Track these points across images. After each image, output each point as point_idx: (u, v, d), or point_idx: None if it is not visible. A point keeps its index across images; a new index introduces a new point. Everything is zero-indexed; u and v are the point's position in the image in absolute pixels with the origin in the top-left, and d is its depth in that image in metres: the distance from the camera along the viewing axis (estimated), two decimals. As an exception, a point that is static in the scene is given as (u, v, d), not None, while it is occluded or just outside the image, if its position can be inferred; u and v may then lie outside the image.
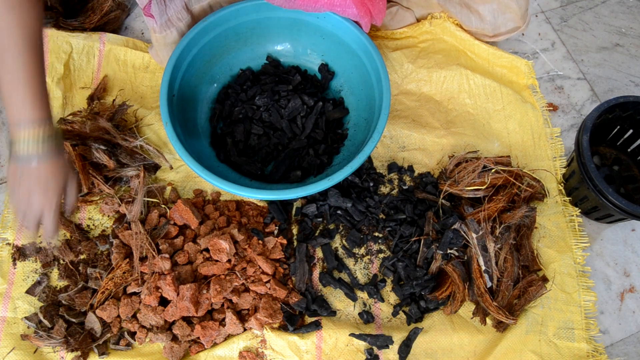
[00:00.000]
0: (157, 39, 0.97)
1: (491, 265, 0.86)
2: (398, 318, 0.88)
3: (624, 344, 0.90)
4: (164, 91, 0.89)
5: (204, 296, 0.83)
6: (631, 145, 1.00)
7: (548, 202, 0.97)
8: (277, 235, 0.92)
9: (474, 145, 1.03)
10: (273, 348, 0.83)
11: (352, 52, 1.00)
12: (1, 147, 1.03)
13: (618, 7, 1.26)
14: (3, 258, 0.90)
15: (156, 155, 0.98)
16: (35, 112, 0.69)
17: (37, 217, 0.73)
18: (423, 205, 0.95)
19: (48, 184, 0.72)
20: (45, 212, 0.73)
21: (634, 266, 0.96)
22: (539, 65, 1.17)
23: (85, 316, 0.84)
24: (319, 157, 0.97)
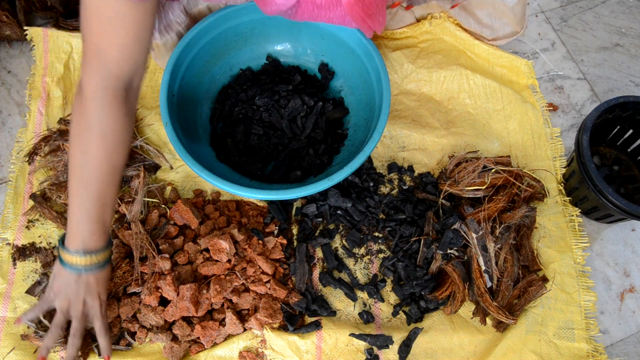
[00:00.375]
0: (157, 45, 0.97)
1: (491, 265, 0.86)
2: (398, 318, 0.88)
3: (624, 344, 0.90)
4: (163, 91, 0.89)
5: (204, 296, 0.83)
6: (631, 145, 1.00)
7: (548, 202, 0.97)
8: (277, 235, 0.92)
9: (474, 145, 1.03)
10: (273, 348, 0.83)
11: (352, 52, 1.00)
12: (1, 147, 1.03)
13: (618, 7, 1.26)
14: (3, 258, 0.90)
15: (156, 155, 0.98)
16: (98, 243, 0.72)
17: (83, 328, 0.75)
18: (423, 205, 0.95)
19: (101, 288, 0.75)
20: (97, 318, 0.75)
21: (634, 266, 0.96)
22: (539, 65, 1.17)
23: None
24: (319, 157, 0.97)
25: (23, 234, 0.92)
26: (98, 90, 0.67)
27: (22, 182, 0.96)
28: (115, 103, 0.69)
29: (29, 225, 0.92)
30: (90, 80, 0.67)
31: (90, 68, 0.67)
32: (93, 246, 0.72)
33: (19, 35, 1.10)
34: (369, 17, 0.69)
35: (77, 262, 0.72)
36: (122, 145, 0.72)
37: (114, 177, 0.72)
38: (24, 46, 1.14)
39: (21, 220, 0.93)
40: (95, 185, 0.70)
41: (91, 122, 0.68)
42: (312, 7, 0.68)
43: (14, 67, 1.11)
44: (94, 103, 0.68)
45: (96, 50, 0.66)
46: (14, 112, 1.07)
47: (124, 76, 0.69)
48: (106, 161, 0.70)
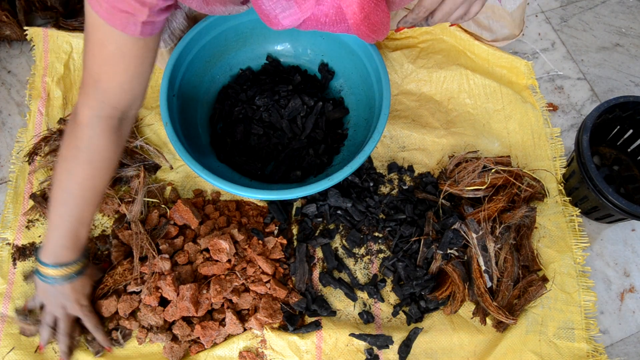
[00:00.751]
0: (162, 53, 0.97)
1: (491, 265, 0.86)
2: (398, 318, 0.88)
3: (624, 344, 0.90)
4: (164, 91, 0.89)
5: (204, 296, 0.83)
6: (631, 145, 1.00)
7: (548, 202, 0.97)
8: (277, 235, 0.92)
9: (474, 145, 1.03)
10: (273, 348, 0.83)
11: (352, 52, 1.00)
12: (1, 147, 1.03)
13: (618, 7, 1.26)
14: (3, 258, 0.90)
15: (156, 155, 0.98)
16: (70, 257, 0.76)
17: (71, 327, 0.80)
18: (423, 205, 0.95)
19: (78, 295, 0.79)
20: (84, 318, 0.80)
21: (634, 266, 0.96)
22: (539, 65, 1.17)
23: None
24: (319, 157, 0.97)
25: (23, 234, 0.92)
26: (92, 118, 0.69)
27: (22, 182, 0.96)
28: (107, 132, 0.71)
29: (29, 225, 0.92)
30: (85, 107, 0.69)
31: (87, 95, 0.68)
32: (65, 259, 0.75)
33: (19, 35, 1.10)
34: (374, 32, 0.69)
35: (49, 274, 0.75)
36: (107, 171, 0.74)
37: (94, 199, 0.74)
38: (24, 46, 1.14)
39: (21, 220, 0.93)
40: (75, 206, 0.73)
41: (80, 147, 0.70)
42: (315, 25, 0.68)
43: (14, 67, 1.11)
44: (86, 130, 0.69)
45: (95, 79, 0.67)
46: (14, 112, 1.07)
47: (120, 108, 0.71)
48: (89, 185, 0.72)
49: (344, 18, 0.66)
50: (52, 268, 0.75)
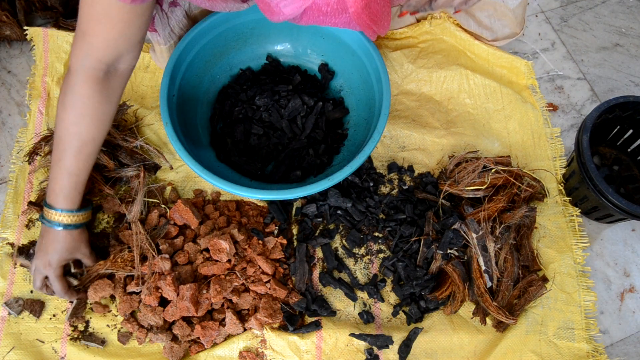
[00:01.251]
0: (161, 50, 0.97)
1: (491, 265, 0.86)
2: (398, 318, 0.88)
3: (624, 344, 0.90)
4: (163, 91, 0.89)
5: (204, 296, 0.83)
6: (631, 145, 1.00)
7: (548, 202, 0.97)
8: (277, 235, 0.92)
9: (474, 145, 1.03)
10: (273, 348, 0.83)
11: (352, 52, 1.00)
12: (1, 147, 1.03)
13: (618, 7, 1.26)
14: (3, 258, 0.90)
15: (156, 155, 0.98)
16: (59, 202, 0.77)
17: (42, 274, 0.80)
18: (423, 205, 0.95)
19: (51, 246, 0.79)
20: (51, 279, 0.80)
21: (634, 266, 0.96)
22: (539, 65, 1.17)
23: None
24: (319, 157, 0.97)
25: (23, 233, 0.92)
26: (79, 66, 0.72)
27: (22, 182, 0.96)
28: (90, 81, 0.73)
29: (29, 224, 0.92)
30: (74, 56, 0.72)
31: (76, 46, 0.72)
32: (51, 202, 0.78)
33: (19, 35, 1.10)
34: (375, 23, 0.69)
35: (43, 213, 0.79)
36: (93, 120, 0.75)
37: (81, 149, 0.76)
38: (24, 46, 1.14)
39: (21, 219, 0.93)
40: (62, 151, 0.75)
41: (67, 92, 0.73)
42: (317, 14, 0.68)
43: (14, 67, 1.11)
44: (72, 77, 0.73)
45: (83, 32, 0.71)
46: (14, 112, 1.07)
47: (104, 61, 0.73)
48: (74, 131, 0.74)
49: (345, 7, 0.66)
50: (45, 207, 0.78)
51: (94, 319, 0.86)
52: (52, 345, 0.84)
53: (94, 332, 0.85)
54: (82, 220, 0.80)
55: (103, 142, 0.80)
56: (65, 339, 0.84)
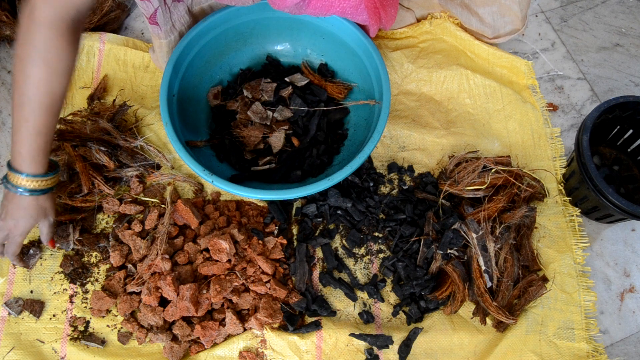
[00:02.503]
0: (161, 44, 0.96)
1: (491, 265, 0.86)
2: (398, 318, 0.88)
3: (624, 344, 0.90)
4: (164, 91, 0.89)
5: (204, 296, 0.83)
6: (631, 145, 1.00)
7: (548, 202, 0.97)
8: (277, 235, 0.92)
9: (474, 145, 1.03)
10: (273, 348, 0.83)
11: (352, 52, 1.00)
12: (1, 147, 1.03)
13: (618, 7, 1.26)
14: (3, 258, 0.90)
15: (157, 155, 0.97)
16: (27, 167, 0.73)
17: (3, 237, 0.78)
18: (423, 205, 0.95)
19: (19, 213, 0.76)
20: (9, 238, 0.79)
21: (634, 266, 0.96)
22: (539, 65, 1.17)
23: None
24: (319, 157, 0.97)
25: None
26: (53, 18, 0.67)
27: (22, 182, 0.96)
28: (65, 33, 0.68)
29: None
30: (47, 7, 0.66)
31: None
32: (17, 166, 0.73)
33: (19, 35, 1.10)
34: (383, 7, 0.68)
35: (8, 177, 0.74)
36: (65, 73, 0.71)
37: (52, 106, 0.71)
38: (24, 46, 1.14)
39: (21, 220, 0.93)
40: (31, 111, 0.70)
41: (38, 48, 0.68)
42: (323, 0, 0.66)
43: (14, 67, 1.11)
44: (45, 30, 0.67)
45: None
46: (14, 112, 1.06)
47: (82, 8, 0.69)
48: (46, 89, 0.70)
49: None
50: (10, 172, 0.74)
51: (94, 319, 0.86)
52: (52, 345, 0.84)
53: (94, 332, 0.85)
54: (49, 185, 0.76)
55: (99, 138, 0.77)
56: (65, 339, 0.84)
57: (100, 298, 0.84)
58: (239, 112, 1.00)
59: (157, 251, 0.84)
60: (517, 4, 1.04)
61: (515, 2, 1.04)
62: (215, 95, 1.02)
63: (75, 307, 0.86)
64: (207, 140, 0.98)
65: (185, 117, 0.95)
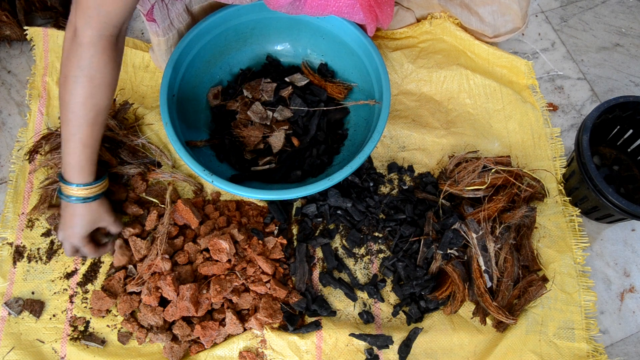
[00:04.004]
0: (159, 42, 0.96)
1: (491, 265, 0.86)
2: (398, 318, 0.88)
3: (624, 344, 0.90)
4: (164, 91, 0.89)
5: (204, 296, 0.83)
6: (631, 145, 1.00)
7: (548, 202, 0.97)
8: (277, 235, 0.92)
9: (474, 145, 1.03)
10: (273, 348, 0.83)
11: (352, 52, 1.00)
12: (1, 147, 1.03)
13: (618, 7, 1.26)
14: (3, 258, 0.90)
15: (158, 153, 0.97)
16: (77, 177, 0.78)
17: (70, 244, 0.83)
18: (423, 205, 0.95)
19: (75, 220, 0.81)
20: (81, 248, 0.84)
21: (634, 266, 0.96)
22: (539, 65, 1.17)
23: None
24: (319, 157, 0.97)
25: (23, 233, 0.92)
26: (95, 38, 0.71)
27: (22, 181, 0.96)
28: (108, 50, 0.73)
29: (29, 224, 0.92)
30: (88, 28, 0.71)
31: (90, 18, 0.70)
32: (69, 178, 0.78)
33: (19, 35, 1.10)
34: (378, 6, 0.68)
35: (61, 188, 0.80)
36: (108, 88, 0.76)
37: (97, 118, 0.76)
38: (24, 46, 1.14)
39: (21, 219, 0.93)
40: (78, 125, 0.75)
41: (82, 66, 0.72)
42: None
43: (14, 67, 1.11)
44: (89, 50, 0.72)
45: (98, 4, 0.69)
46: (14, 112, 1.07)
47: (119, 24, 0.73)
48: (91, 103, 0.74)
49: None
50: (62, 183, 0.79)
51: (94, 319, 0.86)
52: (52, 345, 0.84)
53: (94, 332, 0.85)
54: (99, 191, 0.81)
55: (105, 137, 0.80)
56: (65, 339, 0.84)
57: (100, 298, 0.84)
58: (239, 112, 1.00)
59: (157, 251, 0.84)
60: (517, 3, 1.04)
61: (515, 1, 1.04)
62: (215, 95, 1.02)
63: (75, 307, 0.86)
64: (207, 140, 0.98)
65: (185, 117, 0.95)
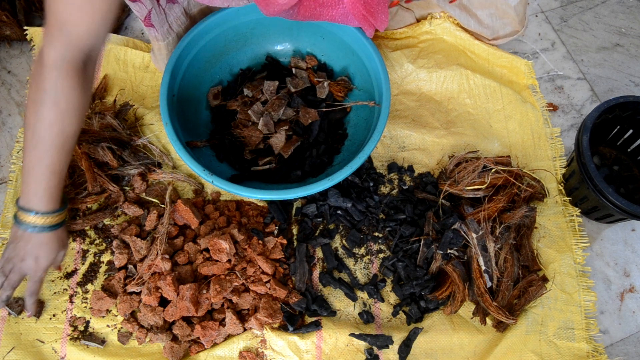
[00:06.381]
0: (159, 47, 0.96)
1: (491, 265, 0.86)
2: (398, 318, 0.88)
3: (624, 344, 0.90)
4: (164, 91, 0.89)
5: (204, 296, 0.83)
6: (631, 145, 1.00)
7: (548, 202, 0.97)
8: (277, 235, 0.92)
9: (474, 145, 1.03)
10: (273, 348, 0.83)
11: (352, 52, 1.00)
12: (1, 147, 1.03)
13: (618, 7, 1.26)
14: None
15: (159, 154, 0.97)
16: (45, 205, 0.75)
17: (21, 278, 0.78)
18: (423, 205, 0.95)
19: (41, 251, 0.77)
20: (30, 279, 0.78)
21: (634, 266, 0.96)
22: (539, 65, 1.17)
23: None
24: (320, 157, 0.97)
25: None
26: (58, 60, 0.69)
27: (22, 182, 0.96)
28: (72, 74, 0.71)
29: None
30: (51, 50, 0.68)
31: (53, 39, 0.68)
32: (35, 207, 0.75)
33: (19, 35, 1.10)
34: (371, 15, 0.69)
35: (20, 218, 0.76)
36: (75, 114, 0.73)
37: (64, 145, 0.74)
38: (24, 46, 1.14)
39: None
40: (44, 151, 0.72)
41: (47, 89, 0.70)
42: (314, 6, 0.68)
43: (14, 67, 1.12)
44: (52, 72, 0.69)
45: (61, 23, 0.67)
46: (14, 112, 1.07)
47: (85, 49, 0.71)
48: (57, 129, 0.72)
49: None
50: (21, 212, 0.75)
51: (94, 319, 0.86)
52: (52, 345, 0.84)
53: (94, 332, 0.85)
54: (65, 217, 0.79)
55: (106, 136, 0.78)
56: (65, 339, 0.84)
57: (100, 298, 0.84)
58: (239, 112, 1.00)
59: (157, 251, 0.84)
60: (513, 9, 1.05)
61: (511, 7, 1.04)
62: (215, 95, 1.02)
63: (75, 307, 0.86)
64: (207, 140, 0.98)
65: (186, 117, 0.95)
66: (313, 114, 0.98)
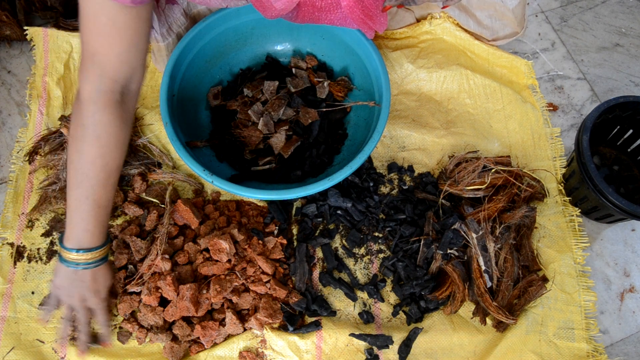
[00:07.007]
0: (159, 48, 0.96)
1: (491, 265, 0.86)
2: (398, 318, 0.88)
3: (624, 344, 0.90)
4: (164, 91, 0.89)
5: (204, 296, 0.83)
6: (631, 145, 1.00)
7: (548, 202, 0.97)
8: (277, 235, 0.92)
9: (474, 145, 1.03)
10: (273, 348, 0.83)
11: (352, 52, 1.00)
12: (1, 147, 1.03)
13: (618, 7, 1.26)
14: (3, 258, 0.90)
15: (159, 154, 0.97)
16: (97, 240, 0.75)
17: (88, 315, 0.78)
18: (423, 205, 0.95)
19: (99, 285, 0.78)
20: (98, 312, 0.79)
21: (634, 266, 0.96)
22: (539, 65, 1.17)
23: None
24: (320, 157, 0.97)
25: (23, 233, 0.92)
26: (93, 93, 0.69)
27: (22, 181, 0.96)
28: (109, 106, 0.70)
29: (29, 225, 0.92)
30: (86, 83, 0.69)
31: (87, 70, 0.68)
32: (87, 244, 0.75)
33: (19, 35, 1.10)
34: (370, 19, 0.69)
35: (72, 259, 0.74)
36: (117, 147, 0.73)
37: (108, 179, 0.74)
38: (24, 46, 1.14)
39: (21, 220, 0.93)
40: (89, 187, 0.72)
41: (86, 124, 0.70)
42: (312, 10, 0.68)
43: (14, 67, 1.12)
44: (89, 107, 0.69)
45: (92, 53, 0.67)
46: (14, 112, 1.07)
47: (120, 80, 0.70)
48: (100, 164, 0.72)
49: (339, 2, 0.65)
50: (77, 253, 0.74)
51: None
52: (52, 345, 0.84)
53: (94, 332, 0.85)
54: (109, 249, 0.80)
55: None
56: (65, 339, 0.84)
57: None
58: (239, 112, 1.00)
59: (157, 251, 0.84)
60: (511, 12, 1.05)
61: (509, 10, 1.04)
62: (215, 95, 1.02)
63: (75, 307, 0.86)
64: (207, 140, 0.98)
65: (185, 117, 0.95)
66: (313, 114, 0.98)
